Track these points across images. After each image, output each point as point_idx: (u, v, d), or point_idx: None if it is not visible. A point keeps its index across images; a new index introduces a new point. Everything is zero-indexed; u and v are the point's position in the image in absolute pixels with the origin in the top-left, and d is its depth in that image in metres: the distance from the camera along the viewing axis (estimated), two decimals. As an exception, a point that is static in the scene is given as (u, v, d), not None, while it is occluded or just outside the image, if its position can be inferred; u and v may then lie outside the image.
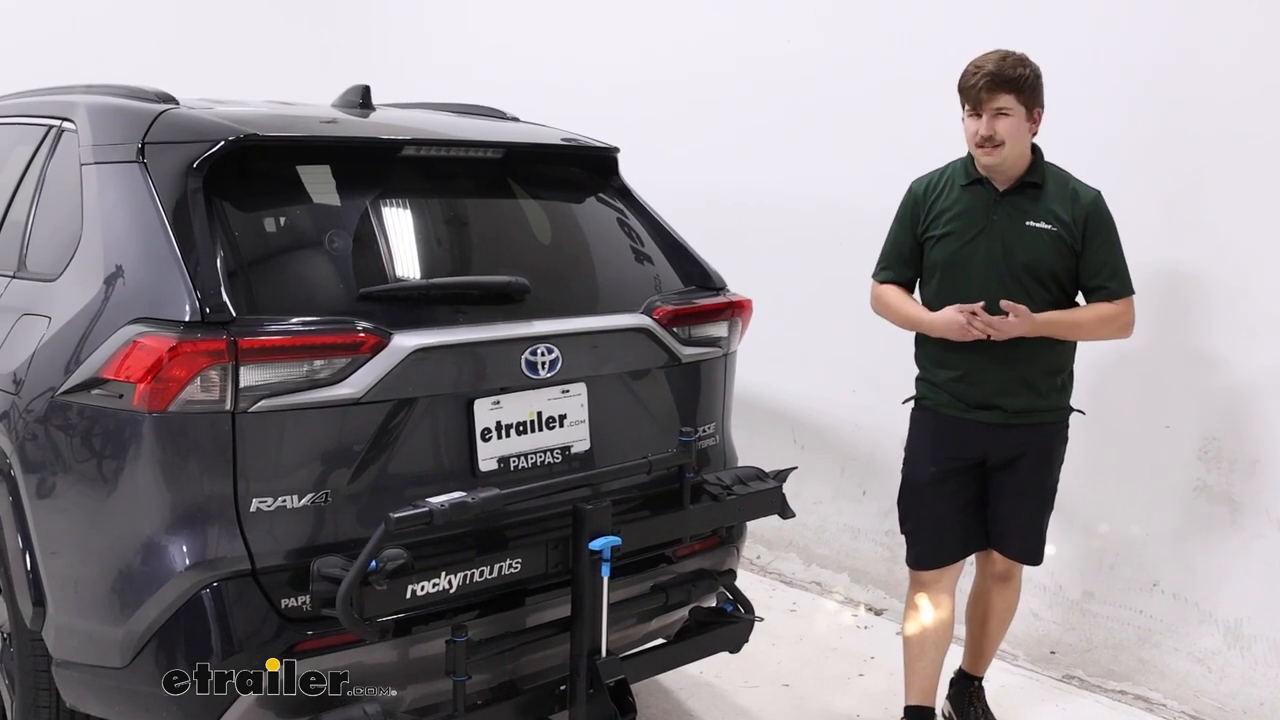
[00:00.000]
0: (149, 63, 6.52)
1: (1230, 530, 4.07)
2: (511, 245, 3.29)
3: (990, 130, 3.23)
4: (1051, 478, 3.51)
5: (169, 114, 2.97)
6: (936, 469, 3.47)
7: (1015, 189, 3.33)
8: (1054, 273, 3.30)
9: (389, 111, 3.65)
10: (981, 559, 3.67)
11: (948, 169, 3.47)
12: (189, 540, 2.56)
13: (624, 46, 6.18)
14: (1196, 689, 4.03)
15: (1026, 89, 3.22)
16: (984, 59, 3.25)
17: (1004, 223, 3.31)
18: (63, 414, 2.73)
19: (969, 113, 3.29)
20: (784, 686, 4.13)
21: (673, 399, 3.35)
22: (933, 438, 3.50)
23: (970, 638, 3.81)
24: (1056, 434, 3.48)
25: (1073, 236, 3.29)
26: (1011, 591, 3.68)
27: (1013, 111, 3.22)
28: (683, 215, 3.84)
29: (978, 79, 3.22)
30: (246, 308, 2.63)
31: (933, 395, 3.48)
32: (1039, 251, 3.28)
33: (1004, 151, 3.25)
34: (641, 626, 3.27)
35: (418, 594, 2.59)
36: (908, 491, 3.57)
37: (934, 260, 3.42)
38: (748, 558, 5.19)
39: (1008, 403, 3.36)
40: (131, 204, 2.81)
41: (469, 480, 2.86)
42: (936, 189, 3.45)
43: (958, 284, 3.35)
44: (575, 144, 3.58)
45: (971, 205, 3.36)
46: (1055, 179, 3.36)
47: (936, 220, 3.41)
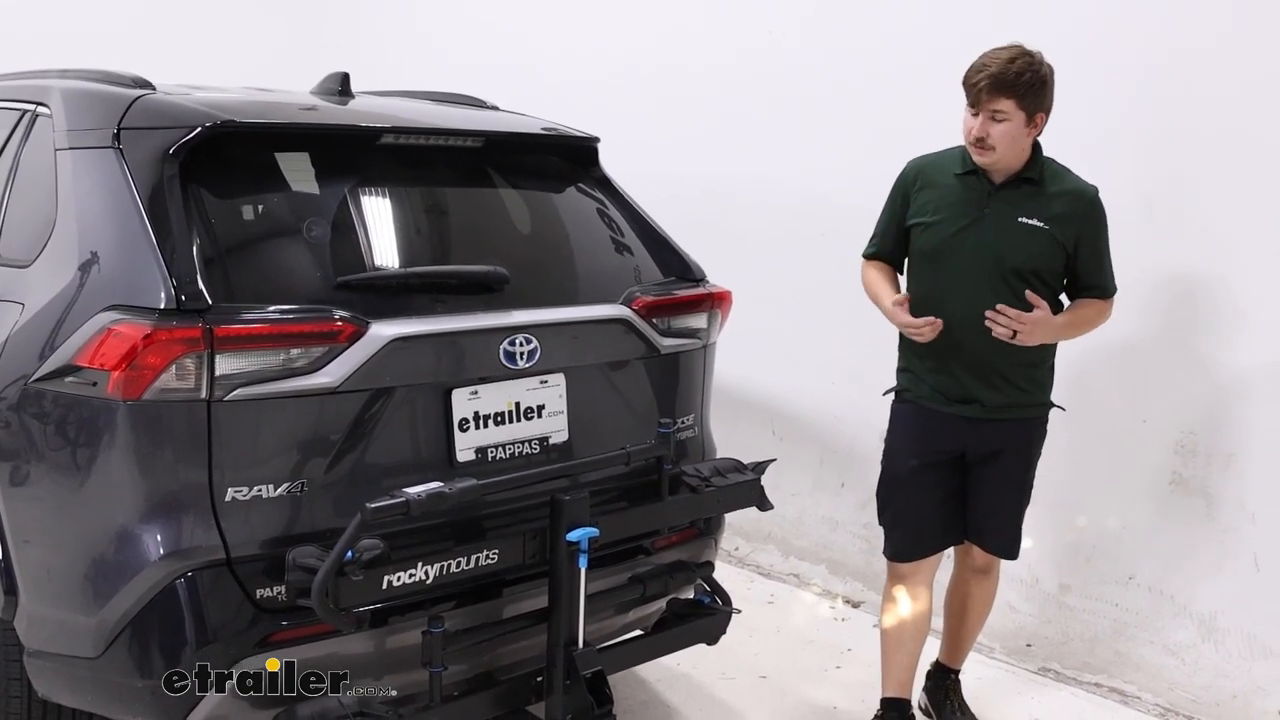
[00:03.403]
0: (125, 47, 6.46)
1: (1206, 524, 4.09)
2: (491, 235, 3.28)
3: (983, 132, 3.16)
4: (1030, 472, 3.51)
5: (145, 99, 2.94)
6: (916, 461, 3.45)
7: (1010, 183, 3.27)
8: (1041, 270, 3.25)
9: (368, 99, 3.62)
10: (960, 552, 3.67)
11: (945, 154, 3.40)
12: (163, 529, 2.54)
13: (606, 36, 6.15)
14: (1170, 681, 4.06)
15: (1029, 94, 3.12)
16: (992, 56, 3.15)
17: (996, 217, 3.25)
18: (36, 402, 2.71)
19: (968, 109, 3.21)
20: (761, 678, 4.14)
21: (652, 390, 3.35)
22: (913, 430, 3.48)
23: (948, 630, 3.81)
24: (1036, 429, 3.47)
25: (1065, 235, 3.24)
26: (990, 584, 3.68)
27: (1010, 116, 3.14)
28: (663, 206, 3.82)
29: (980, 78, 3.13)
30: (223, 295, 2.62)
31: (913, 387, 3.46)
32: (1030, 249, 3.23)
33: (995, 155, 3.19)
34: (619, 618, 3.27)
35: (394, 584, 2.57)
36: (887, 483, 3.55)
37: (919, 247, 3.38)
38: (726, 549, 5.20)
39: (987, 397, 3.34)
40: (106, 190, 2.78)
41: (446, 470, 2.85)
42: (930, 173, 3.39)
43: (941, 275, 3.31)
44: (555, 134, 3.56)
45: (964, 196, 3.30)
46: (1053, 175, 3.30)
47: (926, 206, 3.36)
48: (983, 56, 3.18)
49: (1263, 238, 3.92)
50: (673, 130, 5.79)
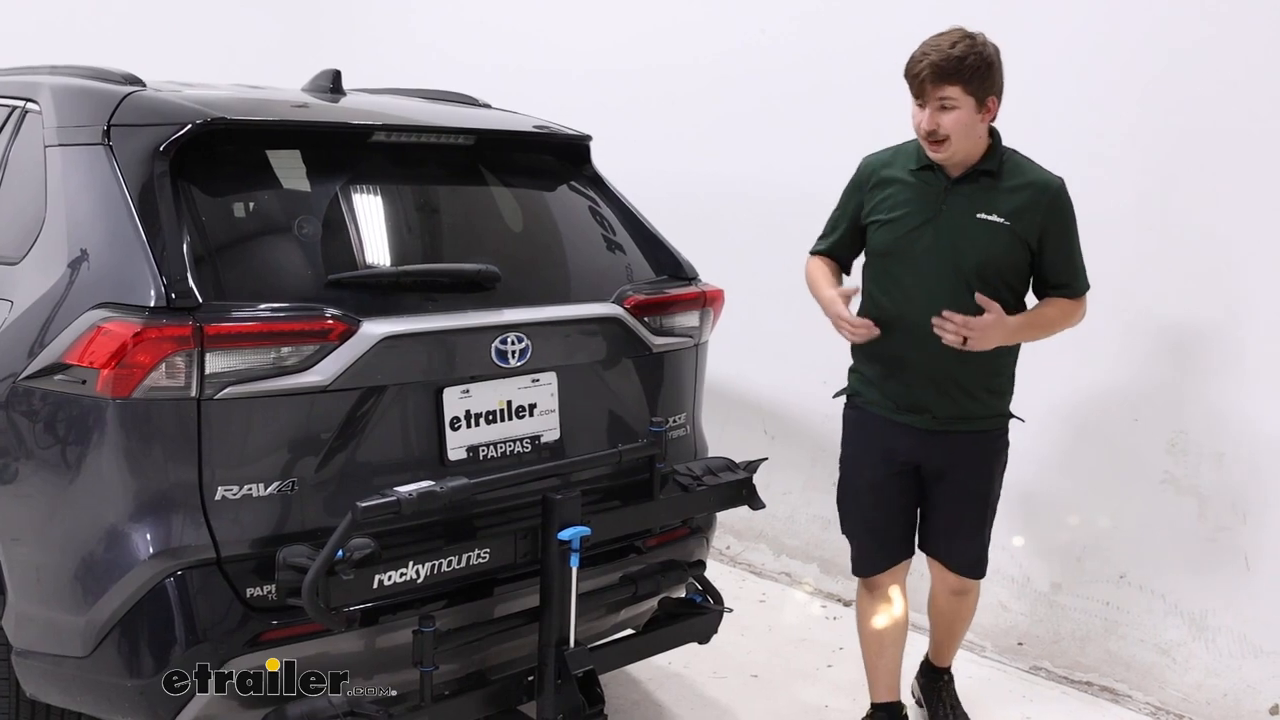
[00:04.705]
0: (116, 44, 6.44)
1: (1197, 523, 4.09)
2: (482, 233, 3.27)
3: (933, 124, 3.00)
4: (991, 487, 3.33)
5: (135, 96, 2.93)
6: (871, 474, 3.33)
7: (967, 177, 3.10)
8: (1002, 268, 3.09)
9: (359, 96, 3.62)
10: (935, 571, 3.49)
11: (901, 149, 3.26)
12: (153, 528, 2.53)
13: (598, 34, 6.14)
14: (1161, 680, 4.07)
15: (975, 79, 2.96)
16: (932, 43, 2.99)
17: (952, 214, 3.10)
18: (25, 400, 2.69)
19: (914, 101, 3.06)
20: (753, 677, 4.14)
21: (643, 389, 3.34)
22: (864, 439, 3.34)
23: (933, 636, 3.73)
24: (993, 442, 3.29)
25: (1027, 230, 3.07)
26: (969, 601, 3.55)
27: (959, 103, 2.97)
28: (655, 204, 3.82)
29: (922, 67, 2.96)
30: (213, 293, 2.60)
31: (864, 391, 3.32)
32: (988, 247, 3.07)
33: (950, 147, 3.03)
34: (610, 617, 3.26)
35: (385, 584, 2.57)
36: (843, 495, 3.43)
37: (873, 247, 3.24)
38: (717, 548, 5.20)
39: (940, 407, 3.18)
40: (96, 187, 2.77)
41: (438, 469, 2.85)
42: (885, 170, 3.24)
43: (897, 275, 3.17)
44: (547, 131, 3.55)
45: (920, 192, 3.14)
46: (1013, 167, 3.13)
47: (881, 204, 3.21)
48: (922, 45, 3.02)
49: (1255, 236, 3.93)
50: (665, 128, 5.78)
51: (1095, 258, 3.31)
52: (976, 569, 3.42)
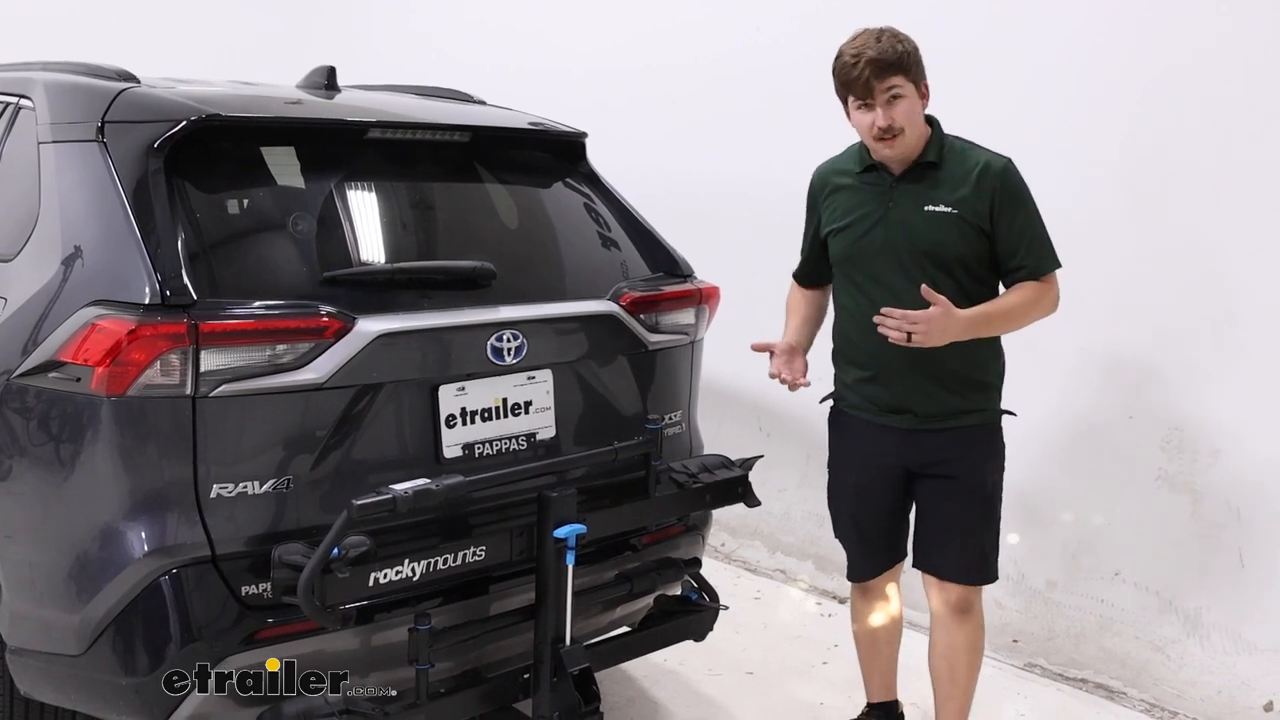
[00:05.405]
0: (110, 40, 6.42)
1: (1191, 520, 4.10)
2: (478, 230, 3.26)
3: (889, 120, 2.96)
4: (986, 488, 3.18)
5: (129, 93, 2.92)
6: (857, 479, 3.30)
7: (911, 172, 3.07)
8: (960, 258, 3.02)
9: (354, 93, 3.61)
10: (931, 595, 3.27)
11: (844, 155, 3.26)
12: (148, 526, 2.52)
13: (594, 31, 6.14)
14: (1156, 677, 4.07)
15: (911, 64, 2.98)
16: (858, 44, 3.00)
17: (900, 211, 3.06)
18: (19, 397, 2.69)
19: (857, 105, 3.02)
20: (748, 674, 4.14)
21: (639, 386, 3.34)
22: (849, 444, 3.31)
23: (938, 696, 3.32)
24: (983, 440, 3.17)
25: (977, 215, 3.00)
26: (972, 625, 3.25)
27: (905, 91, 2.97)
28: (651, 202, 3.81)
29: (860, 68, 2.95)
30: (208, 291, 2.60)
31: (847, 396, 3.29)
32: (939, 236, 3.01)
33: (905, 138, 3.00)
34: (606, 614, 3.26)
35: (380, 581, 2.56)
36: (832, 499, 3.42)
37: (834, 255, 3.21)
38: (713, 545, 5.20)
39: (921, 406, 3.11)
40: (90, 184, 2.76)
41: (433, 467, 2.84)
42: (833, 178, 3.24)
43: (858, 280, 3.14)
44: (543, 128, 3.55)
45: (868, 195, 3.13)
46: (956, 154, 3.08)
47: (835, 213, 3.20)
48: (846, 51, 3.03)
49: (1249, 234, 3.93)
50: (661, 126, 5.78)
51: (1094, 257, 3.31)
52: (973, 572, 3.21)
